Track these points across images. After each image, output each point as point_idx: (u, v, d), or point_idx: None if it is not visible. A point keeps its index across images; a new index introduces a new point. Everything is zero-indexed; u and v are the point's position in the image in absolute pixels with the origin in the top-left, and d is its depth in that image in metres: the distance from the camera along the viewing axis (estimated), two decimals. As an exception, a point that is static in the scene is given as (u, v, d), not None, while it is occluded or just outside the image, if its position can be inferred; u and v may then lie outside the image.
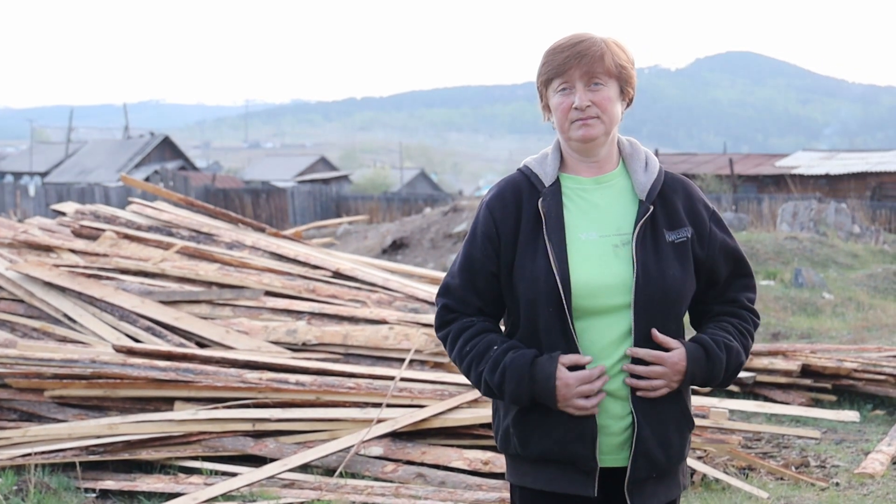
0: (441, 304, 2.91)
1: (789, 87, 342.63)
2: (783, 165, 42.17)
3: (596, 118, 2.82)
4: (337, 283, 8.57)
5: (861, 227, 23.72)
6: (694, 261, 2.88)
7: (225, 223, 9.96)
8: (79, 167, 54.53)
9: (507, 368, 2.77)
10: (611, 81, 2.83)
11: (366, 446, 6.05)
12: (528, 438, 2.84)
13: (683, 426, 2.90)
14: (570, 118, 2.83)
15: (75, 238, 9.26)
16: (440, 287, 2.94)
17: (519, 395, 2.78)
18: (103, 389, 6.63)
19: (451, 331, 2.89)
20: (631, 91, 2.91)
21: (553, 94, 2.86)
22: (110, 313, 7.76)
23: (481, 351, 2.82)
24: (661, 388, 2.80)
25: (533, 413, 2.82)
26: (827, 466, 6.71)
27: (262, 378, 6.61)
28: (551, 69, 2.84)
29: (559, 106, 2.84)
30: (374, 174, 72.36)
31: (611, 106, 2.83)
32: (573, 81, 2.82)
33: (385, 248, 19.90)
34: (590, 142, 2.85)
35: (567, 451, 2.81)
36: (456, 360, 2.89)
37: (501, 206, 2.88)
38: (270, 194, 36.01)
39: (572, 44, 2.83)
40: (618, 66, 2.83)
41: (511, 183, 2.93)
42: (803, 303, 15.07)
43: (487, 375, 2.80)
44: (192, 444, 6.31)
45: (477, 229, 2.90)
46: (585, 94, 2.81)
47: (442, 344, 2.95)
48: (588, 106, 2.81)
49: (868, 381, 8.65)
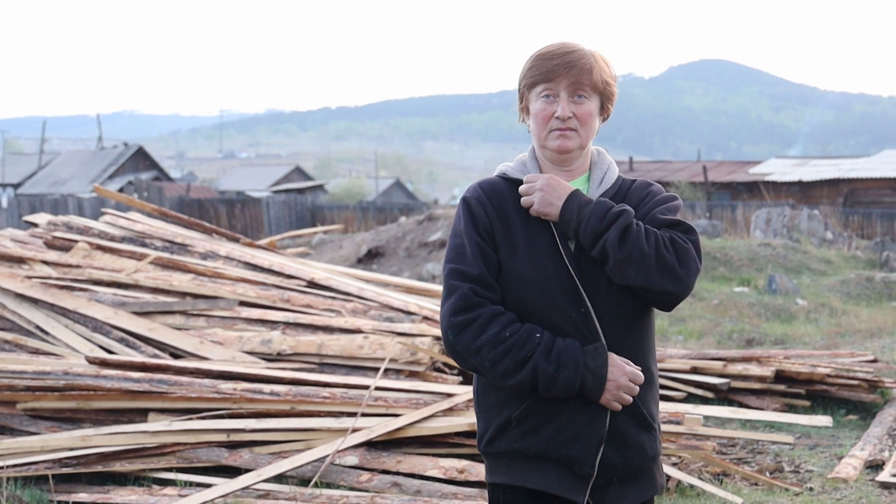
0: (468, 288, 2.78)
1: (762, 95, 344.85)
2: (756, 172, 42.42)
3: (574, 131, 2.84)
4: (312, 293, 8.56)
5: (834, 233, 23.90)
6: None
7: (199, 233, 9.93)
8: (52, 178, 54.20)
9: (564, 354, 2.73)
10: (594, 96, 2.86)
11: (341, 456, 6.04)
12: (535, 431, 2.80)
13: (641, 428, 2.88)
14: (549, 126, 2.85)
15: (48, 249, 9.21)
16: (452, 274, 2.82)
17: (572, 383, 2.73)
18: (76, 401, 6.59)
19: (482, 315, 2.76)
20: (610, 108, 2.94)
21: (535, 98, 2.87)
22: (83, 325, 7.71)
23: (524, 337, 2.74)
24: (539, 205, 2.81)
25: (545, 407, 2.79)
26: (801, 471, 6.74)
27: (236, 388, 6.59)
28: (538, 74, 2.85)
29: (540, 112, 2.86)
30: (349, 183, 72.24)
31: (591, 120, 2.86)
32: (558, 90, 2.83)
33: (360, 257, 19.86)
34: (565, 153, 2.88)
35: (571, 451, 2.80)
36: (486, 345, 2.74)
37: (492, 205, 2.87)
38: (245, 204, 35.89)
39: (563, 52, 2.84)
40: (603, 81, 2.86)
41: (494, 186, 2.91)
42: (777, 309, 15.15)
43: (540, 360, 2.71)
44: (166, 456, 6.27)
45: (475, 224, 2.85)
46: (568, 104, 2.83)
47: (451, 331, 2.79)
48: (569, 117, 2.82)
49: (841, 386, 8.71)
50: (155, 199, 33.46)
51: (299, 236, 20.88)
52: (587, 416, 2.80)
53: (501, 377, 2.76)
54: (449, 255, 2.87)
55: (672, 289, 2.78)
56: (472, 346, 2.76)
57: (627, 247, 2.74)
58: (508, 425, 2.84)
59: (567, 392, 2.74)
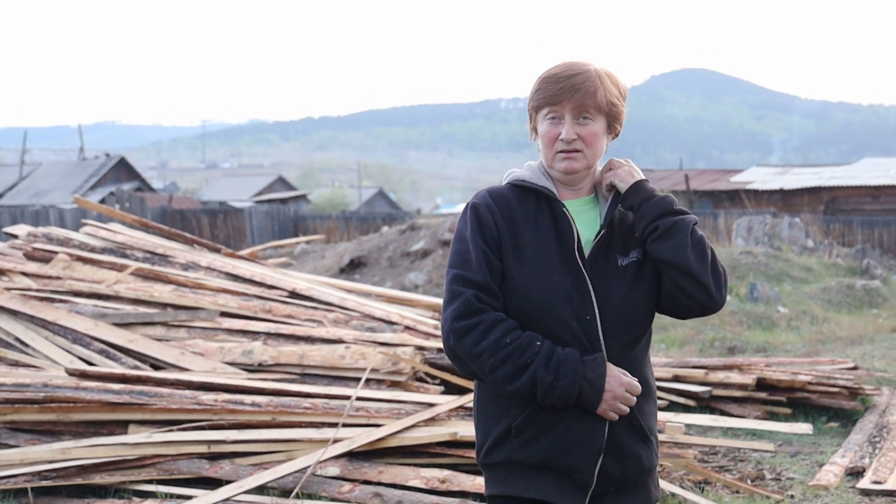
0: (472, 294, 2.81)
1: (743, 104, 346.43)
2: (738, 181, 42.60)
3: (580, 152, 2.88)
4: (293, 303, 8.54)
5: (815, 241, 23.99)
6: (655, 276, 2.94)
7: (180, 244, 9.90)
8: (33, 189, 53.96)
9: (562, 363, 2.77)
10: (599, 117, 2.89)
11: (322, 466, 6.02)
12: (534, 441, 2.83)
13: (638, 439, 2.92)
14: (555, 148, 2.89)
15: (28, 261, 9.17)
16: (455, 279, 2.85)
17: (570, 392, 2.77)
18: (56, 413, 6.55)
19: (485, 321, 2.80)
20: (618, 127, 2.97)
21: (542, 120, 2.91)
22: (63, 336, 7.67)
23: (524, 344, 2.78)
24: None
25: (544, 416, 2.83)
26: (782, 479, 6.76)
27: (217, 399, 6.56)
28: (543, 98, 2.89)
29: (546, 134, 2.90)
30: (332, 193, 72.10)
31: (596, 141, 2.90)
32: (563, 113, 2.87)
33: (343, 267, 19.84)
34: (572, 174, 2.92)
35: (570, 460, 2.82)
36: (487, 350, 2.78)
37: (501, 214, 2.89)
38: (228, 214, 35.80)
39: (568, 75, 2.87)
40: (609, 102, 2.89)
41: (503, 195, 2.94)
42: (759, 317, 15.21)
43: (540, 368, 2.75)
44: (146, 468, 6.24)
45: (482, 231, 2.88)
46: (573, 126, 2.87)
47: (452, 336, 2.83)
48: (574, 139, 2.86)
49: (822, 393, 8.74)
50: (137, 209, 33.34)
51: (281, 246, 20.83)
52: (586, 426, 2.83)
53: (500, 383, 2.79)
54: (453, 259, 2.89)
55: (713, 290, 2.90)
56: (473, 351, 2.79)
57: (698, 236, 2.89)
58: (508, 435, 2.87)
59: (564, 401, 2.78)
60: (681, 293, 2.89)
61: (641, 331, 2.93)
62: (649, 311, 2.95)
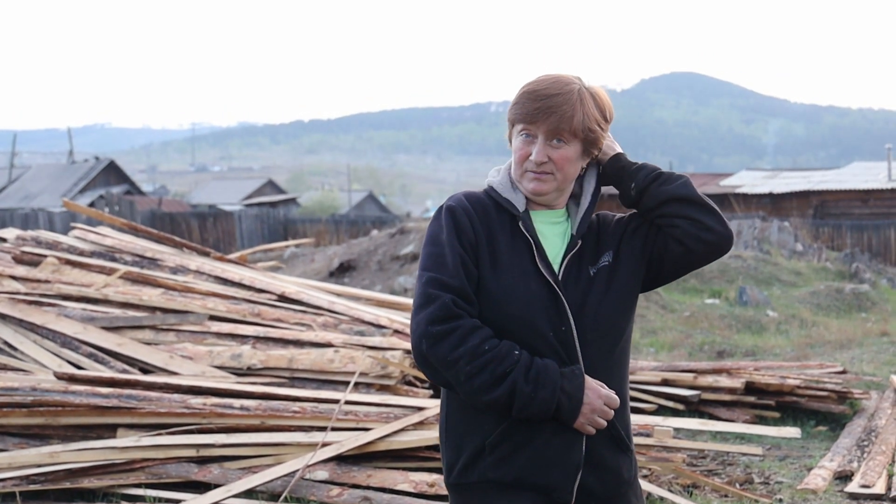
0: (449, 299, 2.67)
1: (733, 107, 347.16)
2: (727, 185, 42.72)
3: (550, 174, 2.77)
4: (282, 307, 8.53)
5: (804, 244, 24.06)
6: (637, 271, 2.87)
7: (169, 248, 9.89)
8: (22, 192, 53.83)
9: (542, 374, 2.66)
10: (574, 141, 2.76)
11: (311, 470, 6.02)
12: (510, 458, 2.73)
13: (618, 450, 2.84)
14: (524, 167, 2.78)
15: (16, 264, 9.14)
16: (431, 283, 2.72)
17: (549, 404, 2.66)
18: (44, 417, 6.53)
19: (462, 326, 2.66)
20: (595, 151, 2.85)
21: (516, 135, 2.80)
22: (52, 340, 7.66)
23: (503, 352, 2.66)
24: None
25: (520, 432, 2.72)
26: (771, 483, 6.77)
27: (206, 403, 6.56)
28: (519, 113, 2.78)
29: (517, 150, 2.79)
30: (322, 197, 72.13)
31: (568, 165, 2.79)
32: (536, 133, 2.76)
33: (332, 270, 19.83)
34: (539, 196, 2.81)
35: (548, 477, 2.73)
36: (464, 357, 2.65)
37: (479, 219, 2.79)
38: (217, 218, 35.78)
39: (547, 95, 2.74)
40: (585, 129, 2.76)
41: (480, 200, 2.84)
42: (748, 320, 15.25)
43: (519, 378, 2.64)
44: (135, 472, 6.23)
45: (459, 235, 2.76)
46: (545, 148, 2.75)
47: (426, 340, 2.68)
48: (544, 162, 2.76)
49: (811, 397, 8.76)
50: (126, 213, 33.30)
51: (271, 250, 20.83)
52: (563, 441, 2.73)
53: (477, 392, 2.67)
54: (427, 262, 2.76)
55: (723, 218, 2.83)
56: (449, 357, 2.65)
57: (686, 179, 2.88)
58: (481, 452, 2.76)
59: (542, 414, 2.67)
60: (699, 227, 2.79)
61: (618, 336, 2.84)
62: (626, 316, 2.86)
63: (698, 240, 2.80)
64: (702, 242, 2.81)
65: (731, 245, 2.86)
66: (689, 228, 2.80)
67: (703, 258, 2.86)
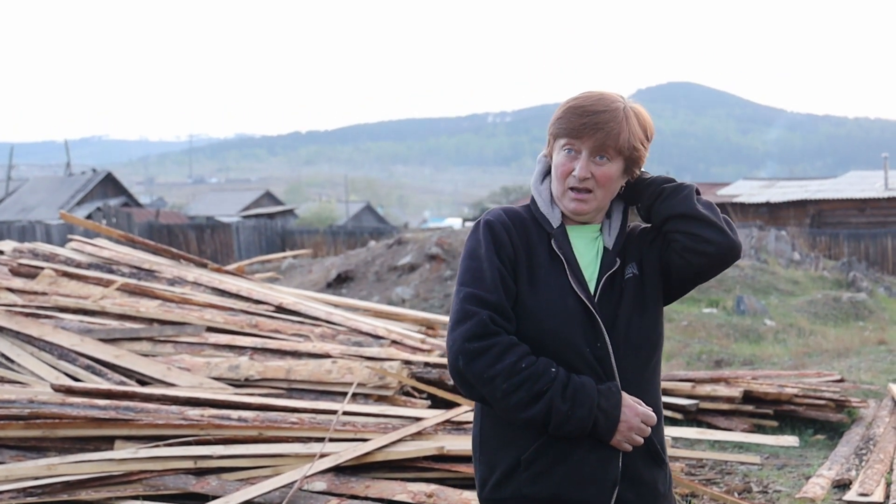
0: (486, 315, 2.66)
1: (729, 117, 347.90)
2: (725, 194, 42.70)
3: (591, 192, 2.77)
4: (280, 318, 8.53)
5: (801, 253, 24.08)
6: (658, 283, 2.87)
7: (166, 259, 9.89)
8: (20, 205, 53.83)
9: (579, 392, 2.65)
10: (618, 158, 2.77)
11: (309, 481, 6.01)
12: (546, 474, 2.71)
13: (654, 464, 2.83)
14: (566, 184, 2.77)
15: (13, 277, 9.14)
16: (468, 298, 2.70)
17: (585, 422, 2.65)
18: (41, 430, 6.52)
19: (499, 343, 2.65)
20: (636, 171, 2.84)
21: (558, 150, 2.79)
22: (49, 352, 7.65)
23: (540, 370, 2.65)
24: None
25: (556, 448, 2.71)
26: (769, 492, 6.76)
27: (203, 415, 6.55)
28: (563, 128, 2.77)
29: (560, 166, 2.78)
30: (319, 208, 72.15)
31: (610, 183, 2.78)
32: (581, 148, 2.75)
33: (330, 281, 19.82)
34: (580, 216, 2.82)
35: (585, 494, 2.72)
36: (500, 375, 2.64)
37: (517, 234, 2.79)
38: (215, 229, 35.76)
39: (594, 111, 2.74)
40: (630, 147, 2.76)
41: (518, 215, 2.84)
42: (745, 330, 15.24)
43: (556, 396, 2.63)
44: (132, 484, 6.22)
45: (498, 249, 2.76)
46: (588, 164, 2.75)
47: (462, 357, 2.67)
48: (587, 178, 2.75)
49: (809, 406, 8.75)
50: (124, 224, 33.30)
51: (269, 261, 20.82)
52: (600, 457, 2.72)
53: (513, 409, 2.66)
54: (465, 277, 2.75)
55: (727, 230, 2.79)
56: (486, 374, 2.65)
57: (702, 196, 2.84)
58: (517, 468, 2.74)
59: (578, 432, 2.67)
60: (697, 241, 2.76)
61: (652, 350, 2.83)
62: (656, 329, 2.86)
63: (698, 253, 2.79)
64: (703, 255, 2.80)
65: (736, 253, 2.83)
66: (688, 243, 2.79)
67: (708, 270, 2.85)
